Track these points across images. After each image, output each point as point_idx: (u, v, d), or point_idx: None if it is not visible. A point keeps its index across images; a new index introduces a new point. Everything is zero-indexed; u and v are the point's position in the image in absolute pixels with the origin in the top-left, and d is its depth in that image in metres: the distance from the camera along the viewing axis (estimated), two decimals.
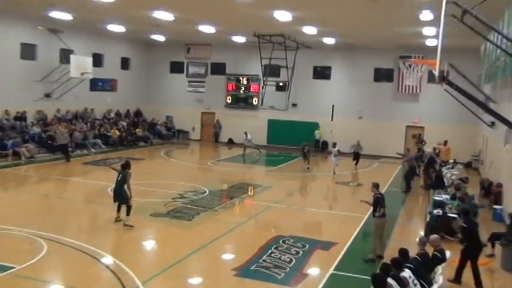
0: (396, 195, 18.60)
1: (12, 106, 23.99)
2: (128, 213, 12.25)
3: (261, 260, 10.50)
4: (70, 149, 24.48)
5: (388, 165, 25.46)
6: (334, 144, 22.68)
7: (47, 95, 25.70)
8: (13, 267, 9.32)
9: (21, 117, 24.34)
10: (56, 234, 11.36)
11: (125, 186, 12.27)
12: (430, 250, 9.42)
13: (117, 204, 12.54)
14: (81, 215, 14.10)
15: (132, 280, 9.04)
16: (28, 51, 24.88)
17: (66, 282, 9.06)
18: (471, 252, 9.56)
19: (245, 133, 27.72)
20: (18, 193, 16.83)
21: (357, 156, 24.76)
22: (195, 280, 9.73)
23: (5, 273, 9.09)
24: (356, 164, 24.59)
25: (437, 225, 12.41)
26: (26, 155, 21.86)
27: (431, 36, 22.07)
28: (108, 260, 10.21)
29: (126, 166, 12.59)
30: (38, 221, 12.62)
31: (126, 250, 10.94)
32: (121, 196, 12.34)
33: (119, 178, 12.40)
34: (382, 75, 29.76)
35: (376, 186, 11.41)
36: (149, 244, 11.94)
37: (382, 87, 29.58)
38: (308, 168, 22.59)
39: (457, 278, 9.63)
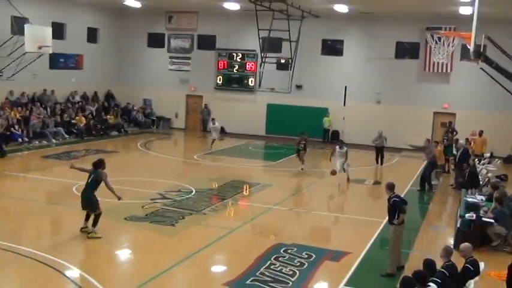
0: (420, 195, 18.77)
1: None
2: (94, 223, 11.95)
3: (258, 273, 10.59)
4: (26, 138, 24.58)
5: (412, 159, 25.55)
6: (342, 144, 20.79)
7: None
8: None
9: None
10: (10, 243, 11.41)
11: (97, 191, 12.01)
12: (460, 261, 9.57)
13: (85, 212, 12.28)
14: (41, 219, 14.14)
15: None
16: None
17: None
18: None
19: (213, 119, 27.38)
20: None
21: (380, 151, 23.86)
22: None
23: None
24: (380, 163, 23.83)
25: (470, 232, 12.53)
26: None
27: (466, 3, 22.09)
28: (74, 273, 10.28)
29: (99, 165, 12.27)
30: None
31: (96, 261, 10.99)
32: (89, 203, 12.01)
33: (89, 180, 12.06)
34: (406, 51, 29.85)
35: (390, 187, 11.27)
36: (124, 254, 11.98)
37: (406, 65, 29.70)
38: (302, 169, 21.43)
39: None
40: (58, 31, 28.77)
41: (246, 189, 18.60)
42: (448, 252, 9.01)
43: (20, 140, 24.37)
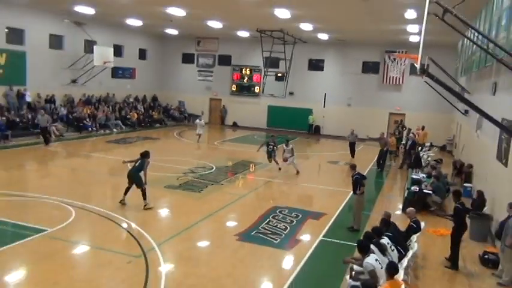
0: (377, 173, 18.74)
1: (43, 90, 24.00)
2: (144, 197, 11.53)
3: (260, 227, 10.65)
4: (94, 128, 24.66)
5: (372, 147, 25.44)
6: (287, 142, 17.53)
7: (74, 81, 25.67)
8: (46, 230, 9.48)
9: (50, 99, 24.33)
10: (83, 202, 11.52)
11: (141, 173, 11.60)
12: (406, 221, 9.58)
13: (126, 187, 11.69)
14: (104, 186, 14.24)
15: (149, 242, 9.19)
16: (56, 42, 24.76)
17: (92, 243, 9.21)
18: (460, 233, 9.00)
19: (199, 116, 26.35)
20: (50, 166, 16.99)
21: (352, 146, 21.37)
22: (203, 243, 9.87)
23: (39, 234, 9.26)
24: (352, 156, 21.23)
25: (414, 200, 12.52)
26: (55, 133, 21.95)
27: (414, 33, 21.91)
28: (128, 225, 10.36)
29: (145, 155, 11.84)
30: (67, 191, 12.75)
31: (144, 217, 11.07)
32: (137, 180, 11.56)
33: (137, 164, 11.70)
34: (369, 68, 29.58)
35: (353, 167, 11.36)
36: (164, 212, 12.07)
37: (369, 78, 29.45)
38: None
39: (455, 263, 8.96)
40: (118, 51, 28.68)
41: (252, 167, 18.58)
42: (387, 216, 9.00)
43: (90, 129, 24.45)
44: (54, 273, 7.66)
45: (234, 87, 32.76)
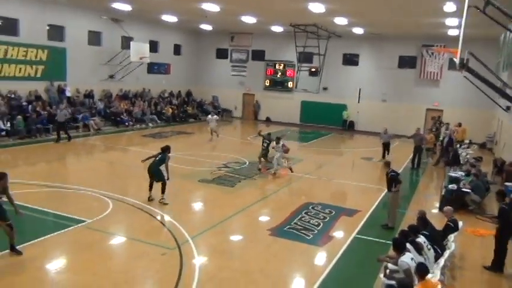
0: (414, 171, 18.31)
1: (82, 85, 24.74)
2: (162, 191, 11.42)
3: (292, 223, 10.63)
4: (131, 123, 25.21)
5: (408, 143, 24.83)
6: (278, 140, 15.97)
7: (111, 76, 26.32)
8: (85, 221, 9.81)
9: (89, 94, 25.06)
10: (120, 195, 11.83)
11: (162, 166, 11.41)
12: (443, 220, 9.33)
13: (149, 183, 11.63)
14: (140, 179, 14.48)
15: (183, 235, 9.34)
16: (94, 38, 25.44)
17: (128, 235, 9.45)
18: (506, 234, 8.59)
19: (212, 112, 26.12)
20: (88, 160, 17.51)
21: (387, 146, 19.75)
22: (236, 237, 9.95)
23: (78, 225, 9.58)
24: (383, 157, 19.34)
25: (452, 199, 12.18)
26: (94, 127, 22.61)
27: (454, 27, 21.17)
28: (163, 217, 10.57)
29: (166, 149, 11.65)
30: (105, 183, 13.15)
31: (178, 210, 11.23)
32: (159, 174, 11.42)
33: (157, 158, 11.50)
34: (406, 62, 28.84)
35: (387, 165, 11.17)
36: (197, 205, 12.24)
37: (405, 73, 28.73)
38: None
39: (499, 266, 8.59)
40: (153, 46, 29.18)
41: (285, 162, 18.49)
42: (422, 214, 8.62)
43: (126, 124, 25.04)
44: (93, 263, 7.92)
45: (267, 82, 32.72)
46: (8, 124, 19.25)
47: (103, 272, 7.65)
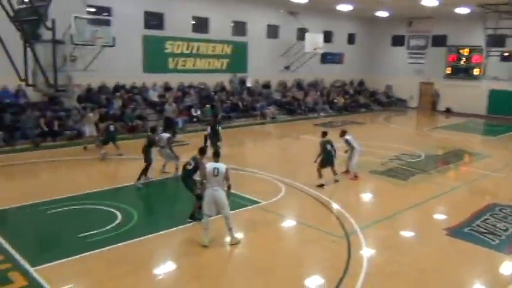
0: None
1: (260, 76, 26.50)
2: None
3: (474, 224, 9.57)
4: (303, 112, 26.00)
5: None
6: (343, 133, 13.29)
7: (287, 67, 27.53)
8: (259, 202, 10.54)
9: (267, 85, 26.69)
10: (291, 180, 12.35)
11: (195, 175, 9.17)
12: None
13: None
14: (310, 166, 14.87)
15: (352, 225, 9.27)
16: (272, 31, 26.94)
17: (298, 219, 9.80)
18: None
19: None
20: (263, 145, 18.77)
21: None
22: (407, 233, 9.42)
23: (254, 206, 10.36)
24: None
25: None
26: (270, 116, 24.06)
27: None
28: (332, 205, 10.66)
29: (201, 152, 9.24)
30: (277, 168, 13.90)
31: (348, 199, 11.21)
32: (187, 187, 9.38)
33: (190, 167, 9.20)
34: None
35: None
36: (367, 196, 12.02)
37: None
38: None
39: None
40: (327, 37, 29.46)
41: (468, 157, 16.79)
42: None
43: (299, 112, 25.85)
44: (267, 242, 8.47)
45: (448, 70, 29.95)
46: (199, 112, 21.82)
47: (276, 252, 8.11)
